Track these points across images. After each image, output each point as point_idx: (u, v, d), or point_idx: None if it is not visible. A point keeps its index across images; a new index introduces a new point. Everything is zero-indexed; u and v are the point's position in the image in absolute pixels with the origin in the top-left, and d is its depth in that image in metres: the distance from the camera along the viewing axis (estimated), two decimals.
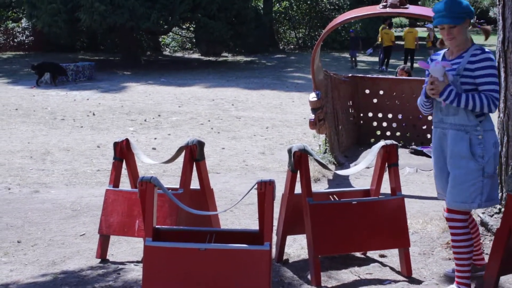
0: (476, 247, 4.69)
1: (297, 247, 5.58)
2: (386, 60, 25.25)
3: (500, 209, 5.48)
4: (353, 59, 25.81)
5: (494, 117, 5.23)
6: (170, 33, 33.34)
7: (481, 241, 4.86)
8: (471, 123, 4.27)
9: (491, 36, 4.65)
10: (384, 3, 7.91)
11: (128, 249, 5.73)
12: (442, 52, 4.57)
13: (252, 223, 6.38)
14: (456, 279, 4.49)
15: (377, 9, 8.06)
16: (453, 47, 4.39)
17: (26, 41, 32.80)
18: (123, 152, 5.43)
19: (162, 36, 34.11)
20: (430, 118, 9.96)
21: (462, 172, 4.27)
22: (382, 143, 5.06)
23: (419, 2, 39.72)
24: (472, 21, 4.39)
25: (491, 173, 4.28)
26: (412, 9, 8.02)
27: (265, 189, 4.00)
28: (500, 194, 5.56)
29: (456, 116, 4.30)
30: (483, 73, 4.25)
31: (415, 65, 24.99)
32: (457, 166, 4.30)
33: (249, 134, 11.82)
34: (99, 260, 5.36)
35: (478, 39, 5.09)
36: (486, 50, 4.34)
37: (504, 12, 5.37)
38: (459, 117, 4.29)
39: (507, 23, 5.33)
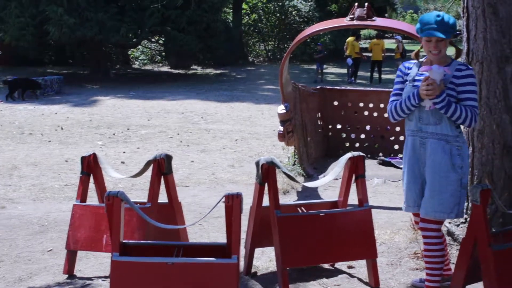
0: (444, 257, 4.73)
1: (265, 259, 5.58)
2: (354, 71, 25.44)
3: (466, 219, 5.53)
4: (320, 71, 25.76)
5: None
6: (140, 46, 33.24)
7: (448, 251, 4.90)
8: (452, 133, 4.34)
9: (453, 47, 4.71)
10: (352, 16, 7.99)
11: (96, 264, 5.68)
12: (413, 62, 4.61)
13: (221, 236, 6.36)
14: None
15: (344, 21, 8.13)
16: (436, 60, 4.42)
17: None
18: (90, 166, 5.41)
19: (132, 49, 34.00)
20: (398, 129, 10.05)
21: (442, 182, 4.33)
22: (349, 154, 5.09)
23: (386, 15, 40.16)
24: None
25: (466, 184, 4.34)
26: (379, 21, 8.10)
27: (232, 202, 4.00)
28: (466, 204, 5.62)
29: (438, 125, 4.35)
30: (468, 89, 4.34)
31: (383, 76, 25.22)
32: (437, 176, 4.35)
33: (218, 147, 11.81)
34: (67, 276, 5.31)
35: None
36: (469, 66, 4.43)
37: (469, 24, 5.45)
38: (441, 126, 4.34)
39: (471, 35, 5.41)
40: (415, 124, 4.47)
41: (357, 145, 10.45)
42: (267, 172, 4.82)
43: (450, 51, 4.58)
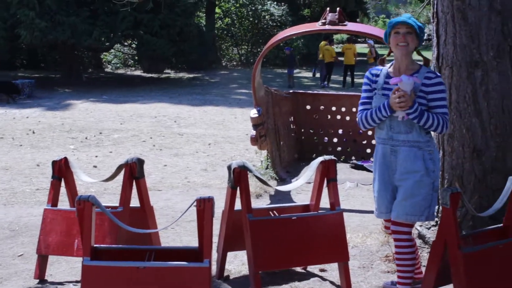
0: (415, 260, 4.76)
1: (238, 263, 5.58)
2: (328, 76, 25.53)
3: (437, 222, 5.59)
4: (291, 76, 25.60)
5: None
6: (112, 50, 33.09)
7: (419, 254, 4.93)
8: (423, 139, 4.38)
9: (425, 52, 4.75)
10: (324, 20, 8.03)
11: (67, 269, 5.65)
12: (382, 69, 4.62)
13: (193, 240, 6.35)
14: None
15: (316, 26, 8.18)
16: (403, 55, 4.42)
17: None
18: (61, 170, 5.37)
19: (104, 53, 33.84)
20: (370, 133, 10.12)
21: (415, 186, 4.37)
22: (320, 158, 5.11)
23: (358, 20, 40.41)
24: (419, 47, 4.51)
25: (437, 187, 4.39)
26: (351, 26, 8.16)
27: (204, 206, 4.00)
28: (436, 207, 5.68)
29: (410, 134, 4.38)
30: (438, 97, 4.37)
31: (356, 80, 25.36)
32: (410, 181, 4.38)
33: (191, 151, 11.79)
34: (38, 280, 5.27)
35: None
36: (438, 73, 4.48)
37: (438, 30, 5.51)
38: (412, 134, 4.37)
39: (441, 40, 5.48)
40: (386, 132, 4.50)
41: (330, 149, 10.50)
42: (239, 176, 4.83)
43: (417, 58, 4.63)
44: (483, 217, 4.88)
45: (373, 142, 10.04)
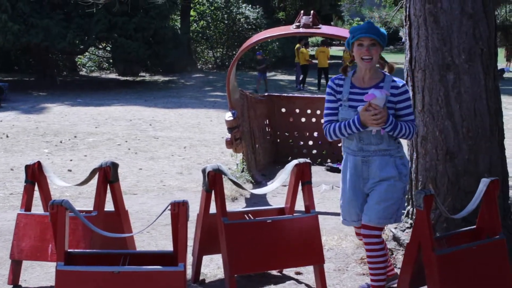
0: (387, 262, 4.78)
1: (213, 267, 5.58)
2: (303, 78, 25.62)
3: (411, 224, 5.63)
4: (263, 81, 25.19)
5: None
6: (87, 53, 32.92)
7: (388, 254, 4.91)
8: (393, 146, 4.43)
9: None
10: (298, 23, 8.06)
11: (41, 274, 5.61)
12: (345, 78, 4.57)
13: (169, 244, 6.33)
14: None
15: (290, 29, 8.20)
16: (367, 69, 4.42)
17: None
18: (35, 175, 5.33)
19: (79, 56, 33.65)
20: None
21: (389, 190, 4.40)
22: (295, 161, 5.12)
23: (332, 23, 40.53)
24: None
25: (407, 191, 4.42)
26: (325, 29, 8.19)
27: (178, 209, 4.00)
28: (411, 209, 5.72)
29: (380, 144, 4.40)
30: (406, 105, 4.42)
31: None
32: (384, 185, 4.41)
33: (166, 154, 11.76)
34: (11, 286, 5.23)
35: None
36: (402, 81, 4.52)
37: (411, 33, 5.56)
38: (383, 144, 4.40)
39: (413, 43, 5.52)
40: (355, 144, 4.49)
41: (305, 151, 10.53)
42: (213, 179, 4.82)
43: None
44: (457, 219, 4.92)
45: None
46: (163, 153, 11.88)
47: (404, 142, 4.67)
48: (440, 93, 5.37)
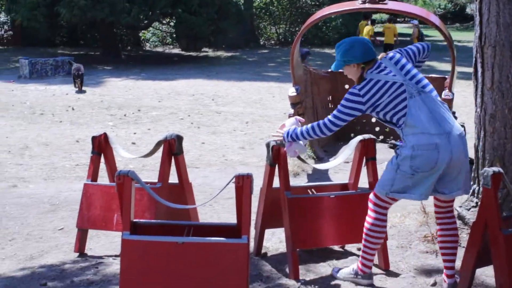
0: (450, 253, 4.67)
1: (275, 240, 5.59)
2: None
3: (477, 203, 5.53)
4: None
5: (473, 111, 5.31)
6: (151, 28, 33.18)
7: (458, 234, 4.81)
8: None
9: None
10: None
11: (106, 243, 5.72)
12: None
13: (231, 217, 6.37)
14: (360, 260, 4.67)
15: (356, 4, 8.10)
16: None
17: (4, 36, 32.51)
18: (101, 146, 5.42)
19: (143, 31, 33.94)
20: None
21: (387, 164, 4.45)
22: (360, 137, 5.08)
23: None
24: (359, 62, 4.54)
25: (405, 171, 4.28)
26: (391, 5, 8.06)
27: (242, 182, 4.00)
28: (477, 188, 5.62)
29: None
30: None
31: None
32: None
33: (229, 129, 11.81)
34: (77, 254, 5.35)
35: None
36: (358, 86, 4.50)
37: (481, 8, 5.41)
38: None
39: (483, 19, 5.38)
40: None
41: (367, 128, 10.42)
42: (277, 154, 4.82)
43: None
44: None
45: None
46: (225, 128, 11.93)
47: (471, 120, 4.57)
48: (511, 70, 5.23)
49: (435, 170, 4.25)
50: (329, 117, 4.52)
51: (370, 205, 4.56)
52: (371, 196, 4.57)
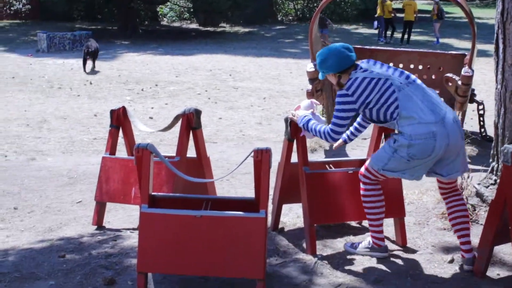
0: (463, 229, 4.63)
1: (292, 215, 5.59)
2: (392, 31, 25.42)
3: (495, 180, 5.49)
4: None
5: (492, 89, 5.24)
6: (168, 3, 33.11)
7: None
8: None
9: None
10: None
11: (124, 216, 5.74)
12: None
13: (248, 192, 6.39)
14: (371, 235, 4.71)
15: None
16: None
17: (22, 10, 32.56)
18: (119, 119, 5.42)
19: (160, 6, 33.88)
20: None
21: (384, 144, 4.49)
22: None
23: None
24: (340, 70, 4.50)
25: (402, 156, 4.28)
26: None
27: (261, 157, 3.99)
28: (496, 165, 5.58)
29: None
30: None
31: (412, 37, 24.95)
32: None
33: (246, 105, 11.80)
34: (96, 227, 5.37)
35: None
36: (345, 87, 4.44)
37: None
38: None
39: None
40: None
41: None
42: (296, 129, 4.80)
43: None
44: None
45: None
46: (243, 103, 11.92)
47: (490, 98, 4.53)
48: None
49: (432, 156, 4.26)
50: (330, 126, 4.51)
51: (361, 178, 4.57)
52: (363, 170, 4.58)
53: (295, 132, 4.82)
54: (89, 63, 16.40)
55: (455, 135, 4.27)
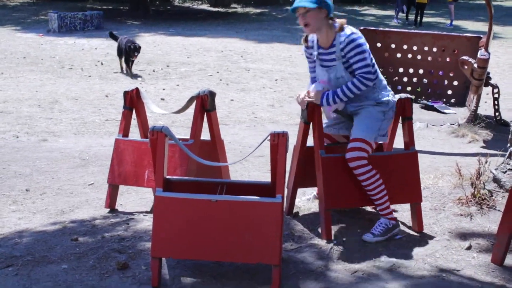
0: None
1: (307, 200, 5.52)
2: (407, 12, 25.53)
3: None
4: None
5: (506, 72, 5.15)
6: None
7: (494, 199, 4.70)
8: (366, 102, 4.69)
9: None
10: None
11: (137, 199, 5.69)
12: (313, 39, 4.76)
13: (261, 176, 6.33)
14: (381, 214, 4.75)
15: None
16: (312, 34, 4.65)
17: None
18: (133, 101, 5.35)
19: None
20: (441, 73, 9.83)
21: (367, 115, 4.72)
22: (397, 96, 4.96)
23: None
24: (330, 15, 4.53)
25: (391, 117, 4.80)
26: None
27: (278, 140, 3.92)
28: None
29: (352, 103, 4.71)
30: (353, 54, 4.57)
31: (424, 19, 24.77)
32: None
33: (258, 86, 11.72)
34: (108, 209, 5.32)
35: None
36: (350, 32, 4.54)
37: None
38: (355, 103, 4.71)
39: None
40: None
41: (399, 87, 10.26)
42: (312, 111, 4.72)
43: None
44: None
45: (446, 82, 9.76)
46: (254, 85, 11.84)
47: (504, 81, 4.43)
48: None
49: None
50: (363, 73, 4.58)
51: (355, 154, 4.55)
52: (355, 153, 4.55)
53: (312, 114, 4.74)
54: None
55: None
